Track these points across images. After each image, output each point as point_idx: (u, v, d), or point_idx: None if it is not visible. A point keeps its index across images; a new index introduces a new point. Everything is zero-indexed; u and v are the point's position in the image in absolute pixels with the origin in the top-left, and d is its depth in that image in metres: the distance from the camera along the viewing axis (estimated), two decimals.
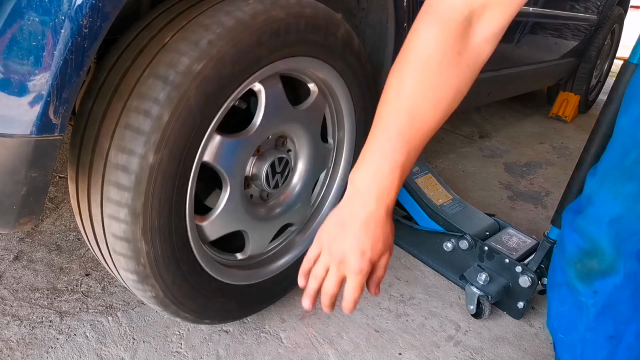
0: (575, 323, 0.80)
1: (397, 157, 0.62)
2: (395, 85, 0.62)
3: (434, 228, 1.53)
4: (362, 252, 0.66)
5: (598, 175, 0.74)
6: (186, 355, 1.08)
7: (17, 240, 1.35)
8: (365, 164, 0.64)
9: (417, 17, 0.62)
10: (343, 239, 0.67)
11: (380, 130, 0.63)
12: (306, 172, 1.16)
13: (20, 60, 0.61)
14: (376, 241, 0.66)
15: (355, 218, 0.66)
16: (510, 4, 0.60)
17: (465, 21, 0.60)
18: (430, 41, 0.60)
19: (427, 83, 0.61)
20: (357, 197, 0.66)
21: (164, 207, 0.83)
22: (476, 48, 0.62)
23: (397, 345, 1.20)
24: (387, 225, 0.67)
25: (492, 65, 2.01)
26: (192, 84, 0.77)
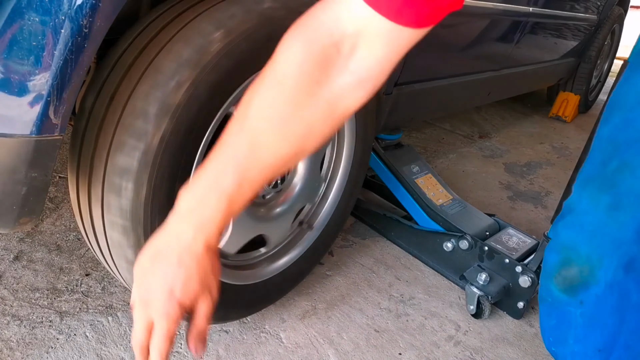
0: (565, 335, 0.78)
1: (226, 186, 0.53)
2: (245, 103, 0.53)
3: (434, 228, 1.53)
4: (170, 291, 0.55)
5: (578, 183, 0.72)
6: (186, 355, 1.08)
7: (17, 240, 1.35)
8: (194, 186, 0.55)
9: (289, 29, 0.52)
10: (152, 275, 0.56)
11: (219, 152, 0.54)
12: (307, 162, 1.16)
13: (20, 60, 0.61)
14: (189, 279, 0.55)
15: (168, 249, 0.56)
16: (393, 42, 0.50)
17: (333, 47, 0.50)
18: (289, 60, 0.51)
19: (275, 108, 0.52)
20: (176, 223, 0.56)
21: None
22: (339, 87, 0.52)
23: (397, 345, 1.20)
24: (208, 263, 0.57)
25: (492, 65, 2.01)
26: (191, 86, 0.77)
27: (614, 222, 0.66)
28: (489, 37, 1.85)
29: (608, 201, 0.67)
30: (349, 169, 1.28)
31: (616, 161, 0.67)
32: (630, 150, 0.66)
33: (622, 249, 0.67)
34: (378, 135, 1.67)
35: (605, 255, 0.69)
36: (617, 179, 0.67)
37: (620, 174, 0.66)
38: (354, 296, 1.35)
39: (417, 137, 2.68)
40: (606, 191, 0.67)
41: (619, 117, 0.67)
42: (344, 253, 1.53)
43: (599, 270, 0.69)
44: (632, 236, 0.65)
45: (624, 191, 0.66)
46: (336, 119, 0.54)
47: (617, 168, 0.66)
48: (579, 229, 0.71)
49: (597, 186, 0.69)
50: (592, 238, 0.69)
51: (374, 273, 1.46)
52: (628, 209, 0.66)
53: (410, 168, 1.65)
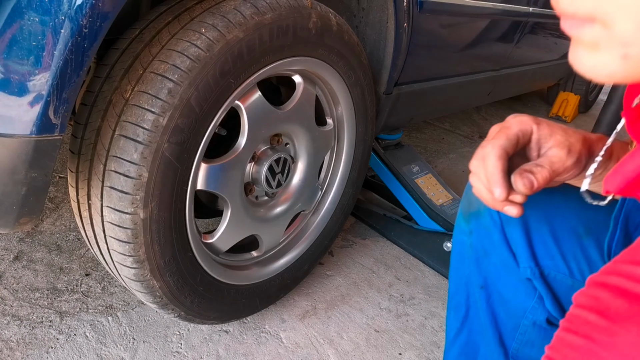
0: (462, 267, 0.80)
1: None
2: None
3: (434, 228, 1.53)
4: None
5: None
6: (186, 355, 1.08)
7: (17, 240, 1.35)
8: None
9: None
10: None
11: None
12: (308, 161, 1.16)
13: (20, 60, 0.61)
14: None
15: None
16: None
17: None
18: None
19: None
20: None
21: (165, 246, 0.85)
22: None
23: (397, 345, 1.20)
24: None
25: (492, 65, 2.01)
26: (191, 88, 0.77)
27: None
28: (489, 37, 1.85)
29: None
30: (348, 169, 1.28)
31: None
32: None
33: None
34: (378, 135, 1.67)
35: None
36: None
37: None
38: (354, 296, 1.35)
39: (417, 137, 2.68)
40: None
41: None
42: (344, 253, 1.53)
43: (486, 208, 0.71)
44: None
45: None
46: None
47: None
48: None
49: None
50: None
51: (374, 273, 1.46)
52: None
53: (410, 168, 1.64)
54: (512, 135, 0.58)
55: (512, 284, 0.73)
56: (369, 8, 1.26)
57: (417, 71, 1.47)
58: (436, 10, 1.38)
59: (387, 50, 1.26)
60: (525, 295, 0.73)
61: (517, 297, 0.74)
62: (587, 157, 0.58)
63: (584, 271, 0.67)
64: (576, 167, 0.58)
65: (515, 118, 0.60)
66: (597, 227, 0.66)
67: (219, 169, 0.93)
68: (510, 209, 0.58)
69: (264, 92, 0.96)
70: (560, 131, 0.59)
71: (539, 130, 0.59)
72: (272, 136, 1.06)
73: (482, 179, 0.58)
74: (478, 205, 0.73)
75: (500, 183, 0.55)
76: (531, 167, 0.57)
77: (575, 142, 0.57)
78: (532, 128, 0.59)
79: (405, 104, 1.50)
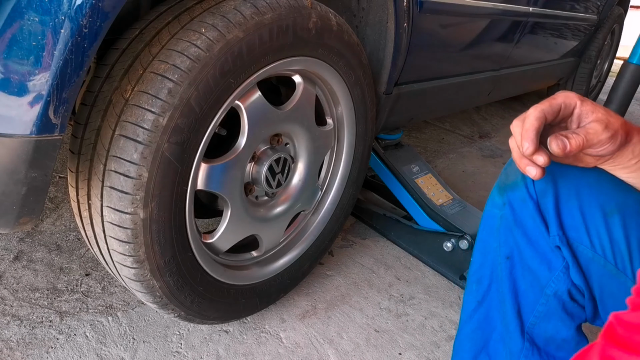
0: (489, 240, 0.82)
1: None
2: None
3: (434, 228, 1.53)
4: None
5: None
6: (186, 355, 1.08)
7: (17, 240, 1.35)
8: None
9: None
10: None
11: None
12: (308, 161, 1.16)
13: (20, 60, 0.61)
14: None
15: None
16: None
17: None
18: None
19: None
20: None
21: (165, 246, 0.85)
22: None
23: (397, 345, 1.20)
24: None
25: (492, 65, 2.01)
26: (190, 89, 0.77)
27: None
28: (489, 37, 1.85)
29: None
30: (348, 169, 1.28)
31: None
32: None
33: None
34: (378, 135, 1.67)
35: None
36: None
37: None
38: (354, 296, 1.35)
39: (417, 137, 2.68)
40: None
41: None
42: (344, 253, 1.53)
43: (528, 177, 0.74)
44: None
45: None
46: None
47: None
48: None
49: None
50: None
51: (374, 273, 1.46)
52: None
53: (410, 168, 1.65)
54: (555, 104, 0.63)
55: (539, 253, 0.75)
56: (369, 8, 1.26)
57: (417, 71, 1.47)
58: (436, 10, 1.38)
59: (387, 50, 1.26)
60: (551, 264, 0.75)
61: (543, 266, 0.76)
62: (623, 137, 0.62)
63: (605, 247, 0.70)
64: (611, 143, 0.62)
65: (563, 92, 0.65)
66: (625, 208, 0.69)
67: (219, 169, 0.93)
68: (531, 169, 0.63)
69: (264, 92, 0.96)
70: (602, 110, 0.63)
71: (582, 106, 0.63)
72: (272, 136, 1.06)
73: (517, 136, 0.63)
74: (515, 178, 0.76)
75: (531, 139, 0.61)
76: (567, 133, 0.61)
77: (614, 121, 0.62)
78: (575, 103, 0.63)
79: (405, 103, 1.50)
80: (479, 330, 0.84)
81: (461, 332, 0.87)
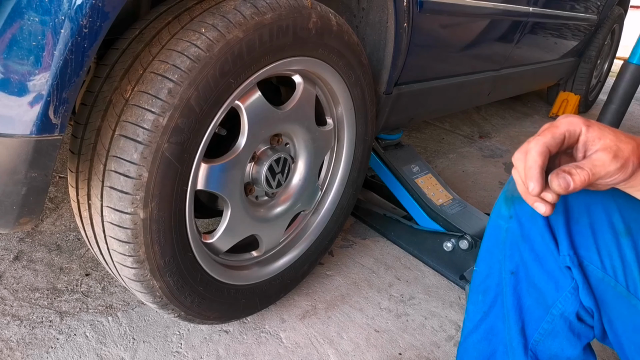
0: (492, 252, 0.80)
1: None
2: None
3: (434, 228, 1.53)
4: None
5: None
6: (186, 355, 1.08)
7: (17, 240, 1.35)
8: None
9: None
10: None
11: None
12: (308, 161, 1.16)
13: (20, 60, 0.61)
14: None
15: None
16: None
17: None
18: None
19: None
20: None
21: (165, 246, 0.85)
22: None
23: (397, 345, 1.20)
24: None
25: (492, 65, 2.01)
26: (189, 90, 0.77)
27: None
28: (489, 37, 1.85)
29: None
30: (348, 169, 1.28)
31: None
32: None
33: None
34: (378, 135, 1.67)
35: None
36: None
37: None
38: (354, 296, 1.35)
39: (417, 137, 2.68)
40: None
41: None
42: (344, 253, 1.53)
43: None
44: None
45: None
46: None
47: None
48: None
49: None
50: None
51: (374, 273, 1.46)
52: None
53: (410, 168, 1.65)
54: (558, 135, 0.59)
55: (547, 271, 0.73)
56: (369, 8, 1.26)
57: (417, 71, 1.47)
58: (436, 10, 1.38)
59: (387, 50, 1.26)
60: (559, 284, 0.72)
61: (550, 285, 0.73)
62: (636, 164, 0.57)
63: (616, 268, 0.67)
64: (621, 173, 0.57)
65: (566, 118, 0.60)
66: (638, 229, 0.66)
67: (219, 169, 0.93)
68: (540, 205, 0.60)
69: (264, 92, 0.96)
70: (610, 135, 0.58)
71: (587, 132, 0.59)
72: (272, 136, 1.06)
73: (521, 172, 0.60)
74: None
75: (536, 178, 0.57)
76: (570, 168, 0.57)
77: (625, 147, 0.57)
78: (580, 130, 0.59)
79: (405, 104, 1.50)
80: (485, 341, 0.83)
81: (466, 341, 0.86)
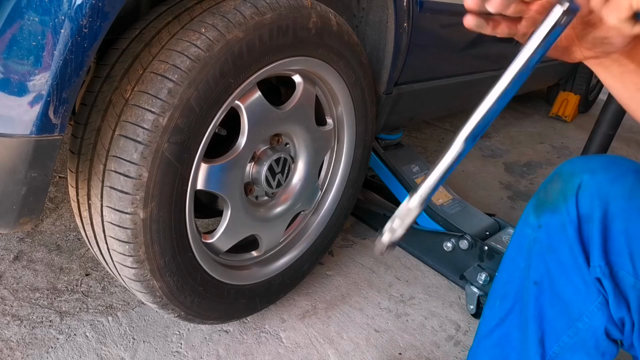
0: (517, 259, 0.79)
1: None
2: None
3: (434, 228, 1.53)
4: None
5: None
6: (186, 355, 1.08)
7: (17, 240, 1.35)
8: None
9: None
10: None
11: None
12: (308, 161, 1.16)
13: (20, 60, 0.61)
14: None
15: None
16: None
17: None
18: None
19: None
20: None
21: (165, 246, 0.85)
22: None
23: (397, 345, 1.20)
24: None
25: (492, 65, 2.01)
26: (189, 90, 0.77)
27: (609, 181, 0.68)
28: (489, 37, 1.84)
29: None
30: (348, 169, 1.28)
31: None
32: None
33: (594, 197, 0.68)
34: (378, 135, 1.67)
35: (584, 193, 0.69)
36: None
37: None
38: (354, 296, 1.35)
39: (417, 137, 2.68)
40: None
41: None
42: (344, 253, 1.53)
43: (571, 198, 0.70)
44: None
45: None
46: None
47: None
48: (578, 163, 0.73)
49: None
50: (587, 162, 0.71)
51: (374, 273, 1.46)
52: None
53: (410, 168, 1.65)
54: None
55: (574, 284, 0.71)
56: (369, 8, 1.26)
57: (417, 71, 1.47)
58: (436, 10, 1.38)
59: (387, 50, 1.26)
60: (586, 297, 0.71)
61: (576, 298, 0.72)
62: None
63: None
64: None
65: None
66: None
67: (219, 169, 0.93)
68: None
69: (264, 92, 0.96)
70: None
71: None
72: (272, 136, 1.06)
73: None
74: (556, 200, 0.72)
75: None
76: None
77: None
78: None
79: (405, 103, 1.50)
80: (499, 347, 0.82)
81: (479, 345, 0.85)
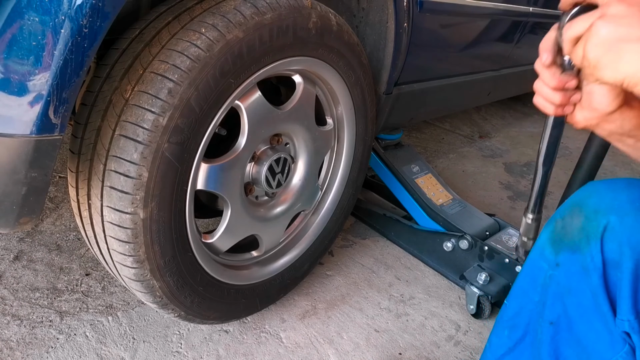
0: (529, 293, 0.75)
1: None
2: None
3: (434, 228, 1.53)
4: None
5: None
6: (186, 355, 1.08)
7: (17, 240, 1.35)
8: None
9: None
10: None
11: None
12: (308, 161, 1.16)
13: (20, 60, 0.61)
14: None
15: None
16: None
17: None
18: None
19: None
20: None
21: (165, 246, 0.85)
22: None
23: (397, 345, 1.20)
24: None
25: (492, 65, 2.01)
26: (188, 91, 0.77)
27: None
28: (489, 37, 1.85)
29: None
30: (348, 169, 1.28)
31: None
32: None
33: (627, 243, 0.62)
34: (378, 135, 1.67)
35: (610, 235, 0.63)
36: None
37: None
38: (354, 296, 1.35)
39: (417, 137, 2.68)
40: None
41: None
42: (344, 253, 1.53)
43: (595, 241, 0.64)
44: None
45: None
46: None
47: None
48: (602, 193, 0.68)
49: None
50: (614, 198, 0.65)
51: (374, 273, 1.46)
52: None
53: (410, 168, 1.65)
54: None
55: (596, 331, 0.67)
56: (369, 8, 1.26)
57: (417, 71, 1.47)
58: (436, 10, 1.38)
59: (387, 50, 1.26)
60: (610, 346, 0.66)
61: (599, 346, 0.67)
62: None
63: None
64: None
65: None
66: None
67: (219, 169, 0.93)
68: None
69: (264, 92, 0.96)
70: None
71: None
72: (272, 136, 1.06)
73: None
74: (577, 240, 0.67)
75: (548, 49, 0.58)
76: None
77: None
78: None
79: (405, 104, 1.50)
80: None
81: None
